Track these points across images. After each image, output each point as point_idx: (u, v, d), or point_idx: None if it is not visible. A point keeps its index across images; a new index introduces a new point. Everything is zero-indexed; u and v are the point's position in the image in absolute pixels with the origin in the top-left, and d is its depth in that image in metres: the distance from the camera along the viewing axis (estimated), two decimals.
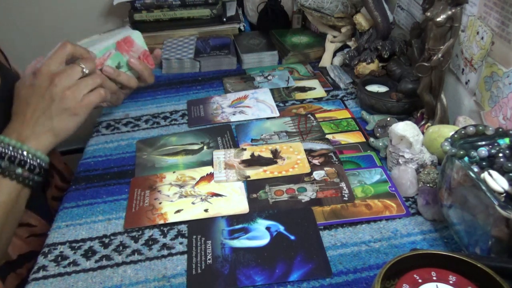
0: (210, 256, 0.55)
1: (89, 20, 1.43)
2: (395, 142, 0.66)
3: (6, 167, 0.59)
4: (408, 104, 0.80)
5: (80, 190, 0.67)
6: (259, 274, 0.52)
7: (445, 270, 0.42)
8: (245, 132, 0.80)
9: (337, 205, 0.62)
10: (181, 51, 1.06)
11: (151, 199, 0.64)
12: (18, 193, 0.60)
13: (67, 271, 0.54)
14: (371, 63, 0.91)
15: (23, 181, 0.60)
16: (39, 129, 0.63)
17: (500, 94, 0.64)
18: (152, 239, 0.58)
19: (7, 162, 0.59)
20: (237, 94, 0.92)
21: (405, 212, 0.61)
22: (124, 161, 0.74)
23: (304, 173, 0.68)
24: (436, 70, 0.69)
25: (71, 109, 0.65)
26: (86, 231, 0.60)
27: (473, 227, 0.49)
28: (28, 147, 0.61)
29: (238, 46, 1.08)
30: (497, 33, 0.64)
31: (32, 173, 0.61)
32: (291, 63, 1.05)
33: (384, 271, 0.40)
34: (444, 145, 0.52)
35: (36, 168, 0.61)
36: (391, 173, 0.67)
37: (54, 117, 0.64)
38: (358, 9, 0.99)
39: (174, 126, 0.83)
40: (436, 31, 0.66)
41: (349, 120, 0.82)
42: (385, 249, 0.56)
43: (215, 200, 0.64)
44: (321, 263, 0.53)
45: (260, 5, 1.18)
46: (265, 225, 0.59)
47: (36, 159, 0.61)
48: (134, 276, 0.54)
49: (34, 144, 0.62)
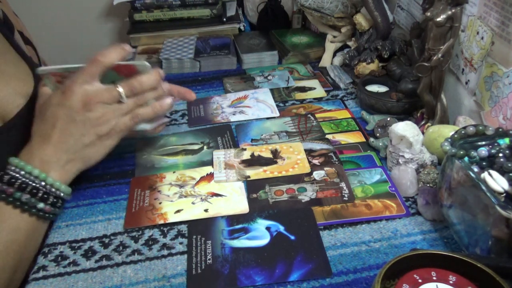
0: (210, 256, 0.55)
1: (89, 20, 1.44)
2: (395, 142, 0.66)
3: (26, 201, 0.52)
4: (408, 104, 0.80)
5: (80, 190, 0.67)
6: (259, 274, 0.52)
7: (445, 270, 0.42)
8: (245, 132, 0.80)
9: (337, 205, 0.62)
10: (181, 51, 1.06)
11: (151, 199, 0.64)
12: (35, 228, 0.55)
13: (67, 271, 0.54)
14: (371, 63, 0.91)
15: (42, 216, 0.55)
16: (67, 156, 0.56)
17: (500, 94, 0.64)
18: (152, 239, 0.58)
19: (28, 195, 0.52)
20: (237, 94, 0.92)
21: (405, 212, 0.61)
22: (124, 161, 0.74)
23: (304, 173, 0.68)
24: (436, 70, 0.69)
25: (105, 136, 0.58)
26: (86, 231, 0.60)
27: (473, 227, 0.49)
28: (53, 179, 0.54)
29: (238, 46, 1.08)
30: (497, 33, 0.64)
31: (54, 207, 0.56)
32: (291, 63, 1.05)
33: (384, 271, 0.40)
34: (444, 145, 0.52)
35: (59, 201, 0.56)
36: (391, 173, 0.67)
37: (85, 144, 0.57)
38: (358, 9, 0.99)
39: (174, 126, 0.83)
40: (436, 31, 0.66)
41: (349, 120, 0.82)
42: (385, 249, 0.56)
43: (215, 200, 0.64)
44: (321, 263, 0.53)
45: (260, 5, 1.18)
46: (265, 225, 0.59)
47: (60, 192, 0.56)
48: (134, 276, 0.54)
49: (59, 175, 0.56)
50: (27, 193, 0.53)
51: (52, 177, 0.55)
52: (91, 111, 0.57)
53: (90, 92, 0.57)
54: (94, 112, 0.57)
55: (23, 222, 0.53)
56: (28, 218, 0.54)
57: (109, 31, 1.47)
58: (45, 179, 0.54)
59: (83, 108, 0.56)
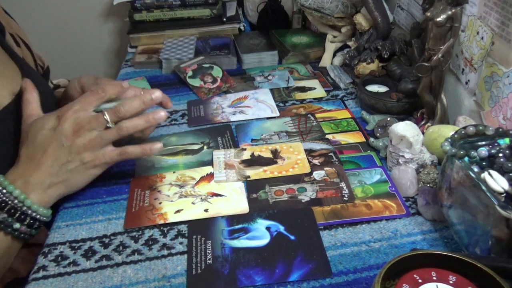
0: (210, 256, 0.55)
1: (89, 20, 1.44)
2: (395, 142, 0.66)
3: (3, 219, 0.54)
4: (408, 104, 0.80)
5: (79, 190, 0.67)
6: (259, 274, 0.52)
7: (445, 270, 0.42)
8: (245, 132, 0.80)
9: (337, 205, 0.62)
10: (181, 51, 1.06)
11: (151, 199, 0.64)
12: (9, 246, 0.56)
13: (67, 271, 0.54)
14: (371, 63, 0.91)
15: (17, 235, 0.56)
16: (51, 180, 0.58)
17: (500, 94, 0.64)
18: (152, 239, 0.58)
19: (5, 214, 0.54)
20: (237, 94, 0.92)
21: (405, 212, 0.61)
22: (124, 161, 0.73)
23: (304, 173, 0.68)
24: (436, 70, 0.69)
25: (90, 163, 0.60)
26: (86, 231, 0.60)
27: (473, 227, 0.49)
28: (31, 201, 0.55)
29: (238, 46, 1.08)
30: (497, 33, 0.64)
31: (30, 228, 0.56)
32: (291, 63, 1.05)
33: (384, 271, 0.40)
34: (444, 145, 0.52)
35: (36, 223, 0.57)
36: (391, 173, 0.67)
37: (71, 170, 0.59)
38: (358, 9, 0.99)
39: (174, 126, 0.83)
40: (436, 31, 0.66)
41: (349, 120, 0.82)
42: (385, 249, 0.56)
43: (215, 200, 0.64)
44: (321, 263, 0.53)
45: (260, 5, 1.18)
46: (265, 225, 0.59)
47: (37, 215, 0.56)
48: (134, 276, 0.54)
49: (39, 197, 0.57)
50: (4, 212, 0.54)
51: (32, 199, 0.56)
52: (79, 137, 0.58)
53: (82, 120, 0.59)
54: (82, 138, 0.59)
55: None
56: (3, 236, 0.55)
57: (109, 31, 1.47)
58: (23, 200, 0.55)
59: (73, 134, 0.58)
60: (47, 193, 0.58)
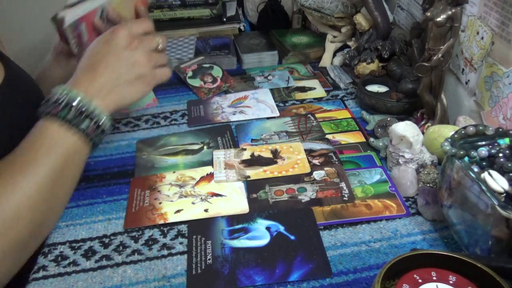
0: (210, 256, 0.55)
1: None
2: (395, 142, 0.66)
3: (72, 118, 0.54)
4: (408, 104, 0.80)
5: (80, 190, 0.67)
6: (259, 274, 0.52)
7: (445, 270, 0.42)
8: (245, 132, 0.80)
9: (337, 205, 0.62)
10: (181, 51, 1.06)
11: (151, 199, 0.64)
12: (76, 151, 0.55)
13: (67, 271, 0.54)
14: (371, 63, 0.91)
15: (85, 137, 0.55)
16: (107, 89, 0.58)
17: (500, 94, 0.64)
18: (152, 239, 0.58)
19: (73, 113, 0.54)
20: (237, 94, 0.92)
21: (405, 212, 0.61)
22: (124, 161, 0.74)
23: (304, 173, 0.68)
24: (436, 70, 0.69)
25: (143, 77, 0.61)
26: (86, 231, 0.60)
27: (473, 227, 0.49)
28: (95, 105, 0.56)
29: (238, 46, 1.08)
30: (497, 33, 0.64)
31: (97, 130, 0.56)
32: (291, 63, 1.05)
33: (384, 271, 0.40)
34: (444, 145, 0.52)
35: (99, 129, 0.57)
36: (391, 173, 0.67)
37: (125, 81, 0.60)
38: (358, 9, 0.99)
39: (174, 126, 0.83)
40: (436, 31, 0.66)
41: (349, 120, 0.82)
42: (385, 249, 0.56)
43: (215, 200, 0.64)
44: (321, 263, 0.53)
45: (260, 5, 1.18)
46: (265, 225, 0.59)
47: (99, 120, 0.56)
48: (134, 276, 0.54)
49: (100, 102, 0.57)
50: (72, 111, 0.54)
51: (95, 104, 0.56)
52: (135, 51, 0.61)
53: (135, 35, 0.62)
54: (137, 53, 0.61)
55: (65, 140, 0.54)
56: (71, 137, 0.54)
57: None
58: (88, 103, 0.56)
59: (128, 46, 0.60)
60: (106, 100, 0.58)
